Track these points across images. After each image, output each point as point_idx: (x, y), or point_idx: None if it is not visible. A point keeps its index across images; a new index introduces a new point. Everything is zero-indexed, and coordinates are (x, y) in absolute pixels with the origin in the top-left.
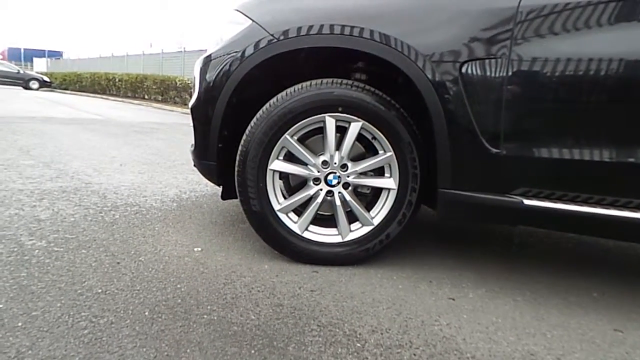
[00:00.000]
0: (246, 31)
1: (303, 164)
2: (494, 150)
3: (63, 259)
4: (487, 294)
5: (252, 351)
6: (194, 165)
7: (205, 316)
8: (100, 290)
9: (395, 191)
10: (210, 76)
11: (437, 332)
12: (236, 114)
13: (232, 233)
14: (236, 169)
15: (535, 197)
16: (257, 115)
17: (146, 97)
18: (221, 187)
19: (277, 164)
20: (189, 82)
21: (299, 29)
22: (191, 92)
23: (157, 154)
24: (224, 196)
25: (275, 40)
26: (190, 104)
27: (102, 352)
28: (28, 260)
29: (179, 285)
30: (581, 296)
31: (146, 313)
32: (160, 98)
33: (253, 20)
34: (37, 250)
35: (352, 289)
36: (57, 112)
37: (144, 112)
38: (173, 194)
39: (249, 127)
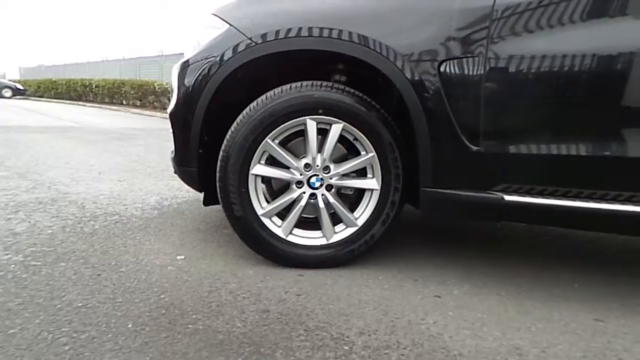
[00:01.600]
0: (224, 35)
1: (285, 167)
2: (474, 147)
3: (41, 273)
4: (471, 290)
5: (239, 359)
6: (175, 172)
7: (190, 326)
8: (80, 304)
9: (379, 192)
10: (189, 81)
11: (423, 331)
12: (216, 119)
13: (216, 239)
14: (217, 174)
15: (516, 192)
16: (238, 119)
17: (124, 102)
18: (203, 193)
19: (259, 169)
20: (168, 86)
21: (277, 32)
22: (170, 96)
23: (136, 160)
24: (206, 202)
25: (254, 44)
26: (169, 109)
27: None
28: (3, 276)
29: (162, 296)
30: (563, 287)
31: (129, 325)
32: (138, 103)
33: (230, 25)
34: (13, 265)
35: (338, 291)
36: (32, 120)
37: (122, 118)
38: (154, 201)
39: (229, 132)
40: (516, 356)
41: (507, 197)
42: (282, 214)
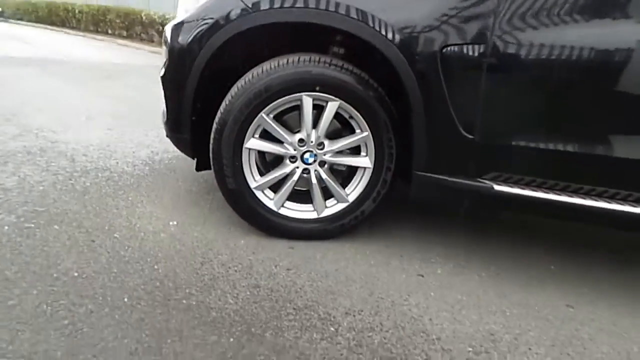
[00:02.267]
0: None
1: (279, 142)
2: (469, 136)
3: (35, 237)
4: (454, 269)
5: (231, 339)
6: (167, 136)
7: (184, 301)
8: (76, 274)
9: (371, 170)
10: (182, 45)
11: (406, 312)
12: (210, 85)
13: (208, 203)
14: (211, 147)
15: (505, 182)
16: (232, 91)
17: (110, 32)
18: (195, 159)
19: (253, 142)
20: (156, 16)
21: (272, 1)
22: (158, 28)
23: (125, 104)
24: (198, 168)
25: (250, 11)
26: (160, 73)
27: (84, 346)
28: None
29: (156, 267)
30: (540, 269)
31: (125, 299)
32: (125, 34)
33: None
34: (6, 227)
35: (327, 267)
36: (13, 48)
37: (108, 50)
38: (145, 155)
39: (223, 104)
40: (490, 342)
41: (497, 187)
42: (275, 186)
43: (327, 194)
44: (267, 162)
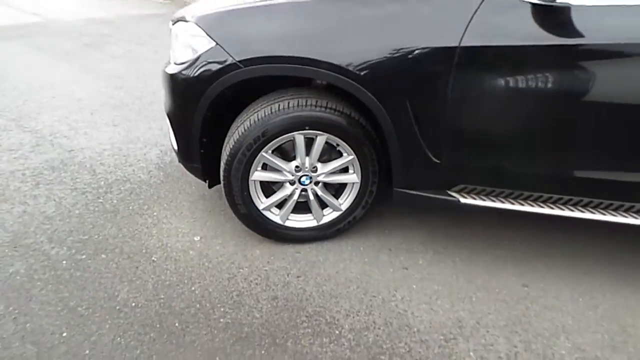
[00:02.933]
0: (212, 53)
1: (279, 170)
2: (437, 161)
3: (90, 269)
4: (434, 257)
5: (262, 351)
6: (179, 162)
7: (221, 320)
8: (134, 304)
9: (359, 184)
10: (182, 95)
11: (393, 309)
12: (213, 121)
13: (222, 210)
14: (222, 180)
15: (469, 194)
16: (235, 137)
17: None
18: (207, 180)
19: (257, 175)
20: None
21: (264, 58)
22: None
23: (121, 87)
24: (211, 186)
25: (242, 67)
26: (166, 108)
27: None
28: (61, 275)
29: (193, 288)
30: (506, 249)
31: (176, 324)
32: None
33: (218, 44)
34: (64, 262)
35: (329, 270)
36: None
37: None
38: (155, 156)
39: (228, 148)
40: (458, 329)
41: (462, 200)
42: (280, 203)
43: (324, 204)
44: (272, 184)
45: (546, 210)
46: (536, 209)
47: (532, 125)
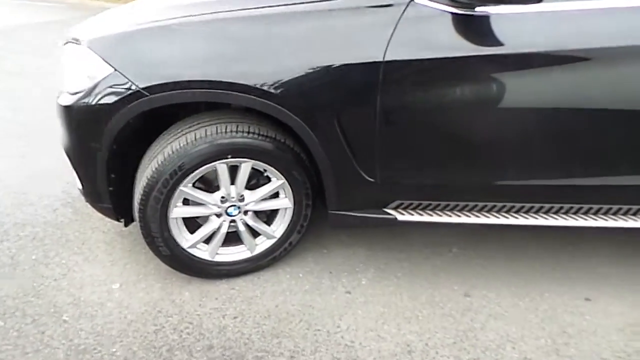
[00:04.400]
0: (110, 79)
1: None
2: (371, 180)
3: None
4: (376, 275)
5: None
6: (86, 202)
7: None
8: None
9: (292, 208)
10: (81, 128)
11: (340, 341)
12: (120, 154)
13: (144, 248)
14: (138, 222)
15: (406, 210)
16: (147, 173)
17: None
18: (122, 220)
19: (178, 212)
20: None
21: (173, 84)
22: None
23: (19, 107)
24: (127, 224)
25: (148, 95)
26: (64, 144)
27: None
28: None
29: (114, 349)
30: (444, 257)
31: None
32: None
33: (117, 70)
34: None
35: (268, 304)
36: None
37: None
38: (61, 190)
39: (141, 186)
40: (407, 354)
41: (400, 217)
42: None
43: (257, 233)
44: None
45: (483, 220)
46: (475, 219)
47: (463, 137)
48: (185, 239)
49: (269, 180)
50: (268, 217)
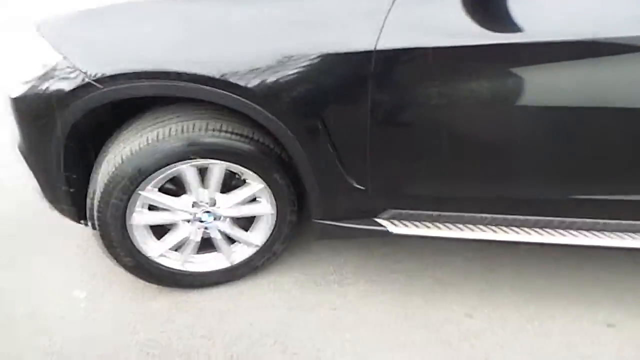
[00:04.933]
0: (60, 68)
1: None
2: (361, 187)
3: None
4: (367, 289)
5: None
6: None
7: None
8: None
9: (275, 214)
10: (32, 122)
11: None
12: (82, 150)
13: None
14: (99, 232)
15: (400, 221)
16: (104, 178)
17: None
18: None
19: (140, 219)
20: None
21: (127, 75)
22: None
23: None
24: (95, 227)
25: (102, 89)
26: (17, 143)
27: None
28: None
29: None
30: (444, 270)
31: None
32: None
33: (65, 57)
34: None
35: (241, 322)
36: None
37: None
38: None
39: (98, 191)
40: None
41: (393, 230)
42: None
43: (233, 239)
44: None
45: (491, 235)
46: (482, 235)
47: (469, 141)
48: (152, 248)
49: (244, 183)
50: (250, 223)
